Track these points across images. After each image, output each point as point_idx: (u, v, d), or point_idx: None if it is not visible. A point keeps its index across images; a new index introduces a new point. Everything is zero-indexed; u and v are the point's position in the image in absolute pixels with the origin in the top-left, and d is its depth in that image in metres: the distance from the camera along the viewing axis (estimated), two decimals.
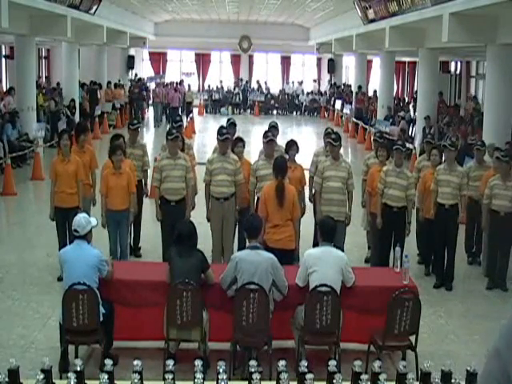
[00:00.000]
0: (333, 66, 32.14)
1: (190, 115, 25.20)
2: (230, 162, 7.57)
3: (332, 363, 3.04)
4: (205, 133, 23.16)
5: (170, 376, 2.87)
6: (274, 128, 8.82)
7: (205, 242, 6.98)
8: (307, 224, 8.46)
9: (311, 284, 5.37)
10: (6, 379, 2.86)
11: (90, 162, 8.25)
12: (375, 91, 24.87)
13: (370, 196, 8.05)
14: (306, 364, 3.01)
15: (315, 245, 7.36)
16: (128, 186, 7.51)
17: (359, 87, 25.50)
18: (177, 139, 7.64)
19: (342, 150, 7.92)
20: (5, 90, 20.10)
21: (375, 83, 26.46)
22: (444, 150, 8.18)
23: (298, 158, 8.30)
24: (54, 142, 15.43)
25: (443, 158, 8.45)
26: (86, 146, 8.51)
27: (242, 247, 7.29)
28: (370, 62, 29.21)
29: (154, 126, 25.09)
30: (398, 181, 7.63)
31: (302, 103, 31.56)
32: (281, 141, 8.92)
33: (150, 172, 8.65)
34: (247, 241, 5.75)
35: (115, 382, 2.97)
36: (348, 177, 7.62)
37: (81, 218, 5.46)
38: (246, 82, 32.60)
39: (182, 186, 7.63)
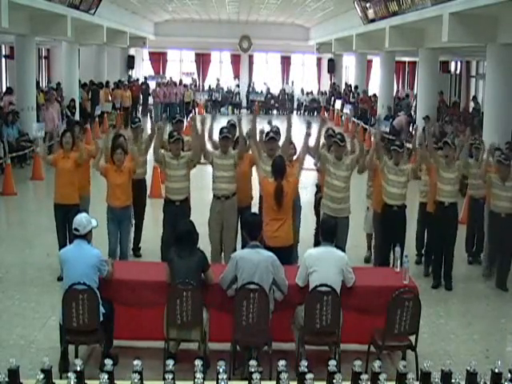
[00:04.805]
0: (333, 66, 32.12)
1: (190, 115, 25.19)
2: (230, 157, 7.55)
3: (332, 363, 3.04)
4: None
5: (170, 376, 2.87)
6: (276, 133, 8.67)
7: (205, 242, 6.96)
8: (307, 224, 8.45)
9: (311, 284, 5.37)
10: (6, 379, 2.85)
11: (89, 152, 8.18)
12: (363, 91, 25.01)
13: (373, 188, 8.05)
14: (306, 364, 3.00)
15: (316, 245, 7.35)
16: (129, 182, 7.55)
17: (355, 87, 25.46)
18: (178, 141, 7.60)
19: None
20: (4, 90, 20.08)
21: (375, 83, 26.45)
22: (444, 147, 8.05)
23: None
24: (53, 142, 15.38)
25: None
26: (80, 144, 8.45)
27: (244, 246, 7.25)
28: (370, 61, 29.20)
29: None
30: (397, 178, 7.62)
31: (302, 103, 31.54)
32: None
33: (149, 172, 8.63)
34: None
35: (115, 381, 2.97)
36: (351, 167, 7.52)
37: (82, 217, 5.47)
38: (238, 79, 32.62)
39: (186, 185, 7.65)
